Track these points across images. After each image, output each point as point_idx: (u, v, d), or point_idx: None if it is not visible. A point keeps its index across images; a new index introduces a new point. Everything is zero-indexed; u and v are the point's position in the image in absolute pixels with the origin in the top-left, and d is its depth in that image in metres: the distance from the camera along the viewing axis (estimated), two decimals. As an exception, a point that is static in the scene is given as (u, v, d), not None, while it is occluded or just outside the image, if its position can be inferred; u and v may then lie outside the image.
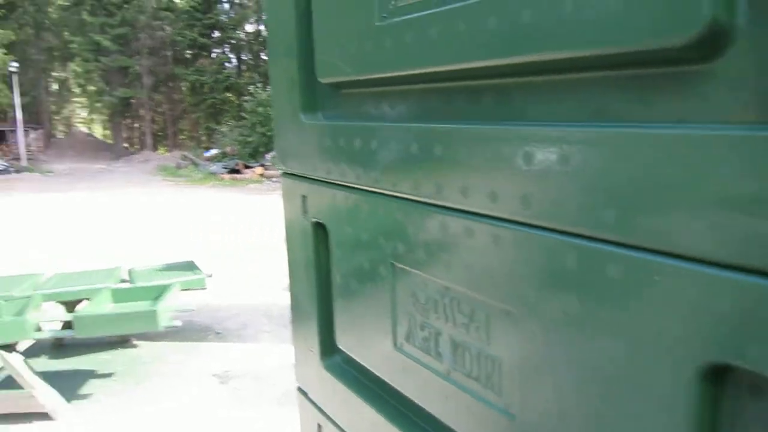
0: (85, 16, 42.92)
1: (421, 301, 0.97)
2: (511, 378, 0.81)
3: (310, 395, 1.42)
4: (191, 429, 4.77)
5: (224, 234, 12.97)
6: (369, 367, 1.16)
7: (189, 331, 6.95)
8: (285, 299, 7.99)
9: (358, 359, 1.20)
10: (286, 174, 1.38)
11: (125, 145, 49.58)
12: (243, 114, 32.62)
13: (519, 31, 0.69)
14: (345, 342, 1.24)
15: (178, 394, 5.40)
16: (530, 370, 0.77)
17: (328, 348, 1.33)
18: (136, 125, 52.03)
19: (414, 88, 0.97)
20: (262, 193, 20.98)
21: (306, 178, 1.29)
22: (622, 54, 0.60)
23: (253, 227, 13.81)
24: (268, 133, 30.18)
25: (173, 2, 44.67)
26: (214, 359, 6.21)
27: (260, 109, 30.42)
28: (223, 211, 16.56)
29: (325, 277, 1.30)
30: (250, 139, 30.93)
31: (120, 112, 46.65)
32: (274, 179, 23.87)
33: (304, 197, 1.30)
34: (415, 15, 0.87)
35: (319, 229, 1.28)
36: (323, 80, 1.15)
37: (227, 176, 25.71)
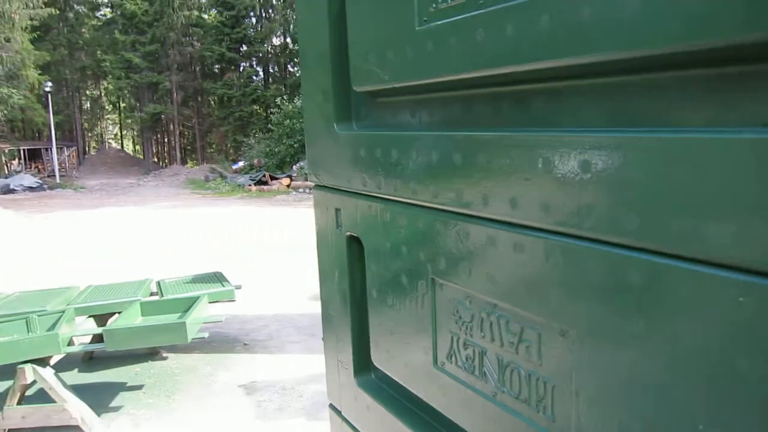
0: (117, 34, 43.97)
1: (465, 319, 0.92)
2: (566, 403, 0.76)
3: (343, 413, 1.37)
4: (220, 442, 4.76)
5: (252, 244, 13.04)
6: (406, 386, 1.11)
7: (217, 343, 6.98)
8: (313, 309, 8.04)
9: (394, 377, 1.15)
10: (318, 186, 1.35)
11: (155, 159, 50.48)
12: (270, 126, 32.94)
13: (577, 30, 0.64)
14: (380, 359, 1.19)
15: (206, 406, 5.40)
16: (589, 395, 0.72)
17: (363, 365, 1.28)
18: (165, 140, 52.95)
19: (456, 95, 0.93)
20: (290, 204, 21.11)
21: (339, 190, 1.25)
22: (705, 50, 0.54)
23: (281, 237, 13.87)
24: (295, 145, 30.44)
25: (202, 18, 45.53)
26: (241, 371, 6.21)
27: (287, 122, 30.69)
28: (251, 222, 16.68)
29: (360, 292, 1.26)
30: (276, 150, 31.20)
31: (150, 128, 47.54)
32: (301, 189, 24.02)
33: (337, 210, 1.26)
34: (458, 17, 0.83)
35: (354, 242, 1.24)
36: (358, 89, 1.11)
37: (254, 188, 25.94)
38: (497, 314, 0.85)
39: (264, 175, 27.17)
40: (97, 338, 6.06)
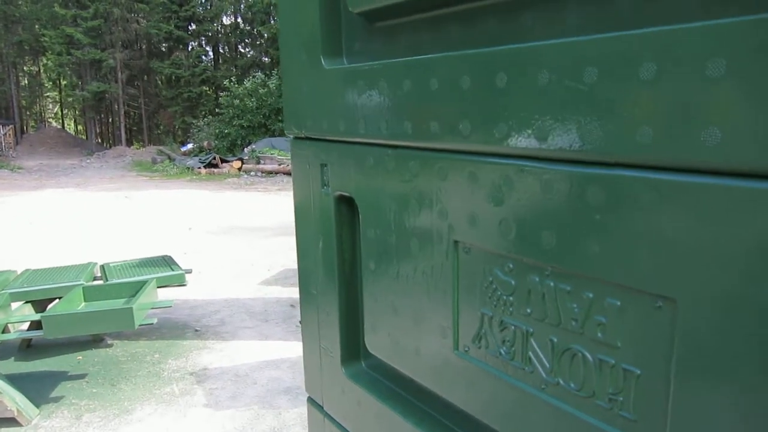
0: (57, 8, 41.70)
1: (502, 291, 0.72)
2: (656, 397, 0.57)
3: (326, 408, 1.16)
4: (168, 431, 4.48)
5: (202, 228, 12.59)
6: (413, 377, 0.91)
7: (166, 329, 6.66)
8: (266, 294, 7.80)
9: (397, 366, 0.94)
10: (298, 139, 1.12)
11: (98, 140, 48.50)
12: (218, 110, 32.01)
13: None
14: (378, 345, 0.98)
15: (154, 396, 5.10)
16: (696, 387, 0.53)
17: (352, 352, 1.08)
18: (109, 120, 50.92)
19: (475, 7, 0.72)
20: (241, 187, 20.54)
21: (327, 141, 1.03)
22: None
23: (232, 221, 13.45)
24: (246, 125, 29.67)
25: (148, -6, 43.70)
26: (192, 358, 5.92)
27: (236, 102, 29.88)
28: (201, 205, 16.12)
29: (350, 265, 1.05)
30: (227, 132, 30.36)
31: (93, 107, 45.52)
32: (252, 173, 23.42)
33: (323, 166, 1.04)
34: None
35: (343, 204, 1.03)
36: (355, 9, 0.89)
37: (204, 171, 25.13)
38: (552, 283, 0.66)
39: (214, 158, 26.33)
40: (35, 325, 5.66)
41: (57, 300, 5.74)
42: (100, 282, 6.35)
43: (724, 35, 0.47)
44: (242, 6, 42.72)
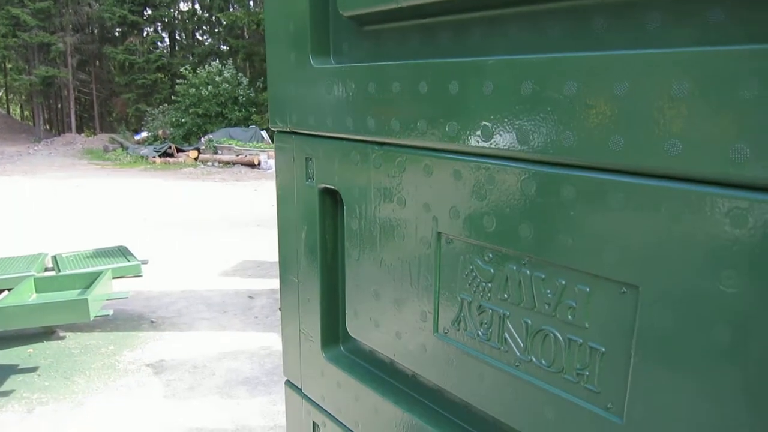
0: (3, -14, 39.96)
1: (481, 278, 0.80)
2: (617, 371, 0.65)
3: (305, 390, 1.22)
4: (124, 424, 4.43)
5: (157, 219, 12.36)
6: (395, 358, 0.97)
7: (121, 321, 6.55)
8: (224, 285, 7.74)
9: (378, 349, 1.01)
10: (282, 133, 1.17)
11: (47, 127, 46.77)
12: (175, 97, 31.30)
13: None
14: (359, 329, 1.05)
15: (109, 388, 5.02)
16: (653, 363, 0.61)
17: (332, 336, 1.13)
18: (59, 106, 49.15)
19: (463, 18, 0.79)
20: (198, 177, 20.20)
21: (312, 136, 1.08)
22: None
23: (189, 212, 13.24)
24: (202, 113, 29.13)
25: (101, -24, 42.30)
26: (148, 350, 5.84)
27: (192, 90, 29.29)
28: (156, 195, 15.80)
29: (331, 254, 1.10)
30: (183, 121, 29.75)
31: (41, 92, 43.86)
32: (209, 163, 23.04)
33: (308, 159, 1.09)
34: None
35: (327, 196, 1.08)
36: (346, 13, 0.94)
37: (159, 160, 24.57)
38: (528, 271, 0.73)
39: (169, 147, 25.79)
40: (-16, 317, 5.47)
41: (6, 292, 5.58)
42: (53, 273, 6.20)
43: (687, 62, 0.55)
44: (200, -8, 41.88)
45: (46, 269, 6.53)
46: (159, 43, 44.48)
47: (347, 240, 1.03)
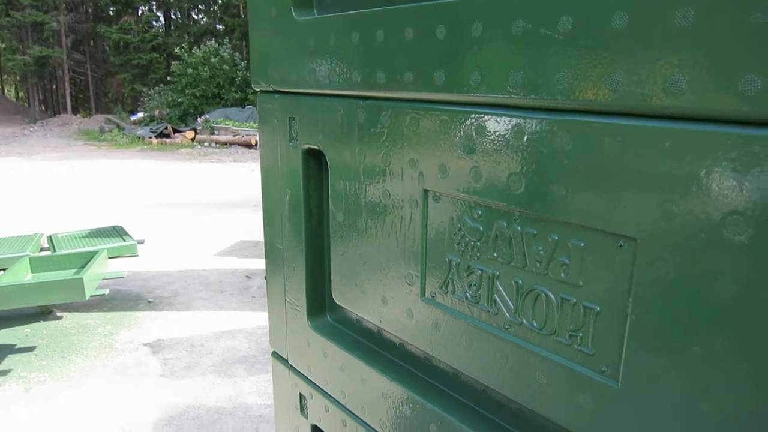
0: (-6, -35, 39.35)
1: (470, 237, 0.75)
2: (613, 333, 0.61)
3: (291, 361, 1.18)
4: (122, 403, 4.43)
5: (154, 199, 12.30)
6: (381, 325, 0.93)
7: (118, 301, 6.53)
8: (220, 265, 7.71)
9: (364, 316, 0.96)
10: (265, 93, 1.12)
11: (42, 107, 46.43)
12: (171, 77, 30.99)
13: None
14: (345, 296, 1.00)
15: (107, 367, 5.02)
16: (650, 323, 0.57)
17: (318, 305, 1.09)
18: (53, 86, 48.72)
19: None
20: (194, 158, 20.09)
21: (295, 94, 1.03)
22: None
23: (186, 192, 13.18)
24: (199, 95, 28.89)
25: (94, -46, 41.66)
26: (145, 329, 5.83)
27: (189, 71, 29.02)
28: (153, 176, 15.72)
29: (316, 219, 1.06)
30: (179, 101, 29.50)
31: (35, 72, 43.45)
32: (206, 143, 22.90)
33: (291, 119, 1.04)
34: None
35: (311, 158, 1.03)
36: (327, -41, 0.89)
37: (156, 140, 24.41)
38: (519, 227, 0.69)
39: (166, 128, 25.59)
40: (-21, 296, 5.45)
41: (1, 272, 5.55)
42: (48, 253, 6.16)
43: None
44: (195, -31, 41.32)
45: (42, 249, 6.49)
46: (154, 22, 44.00)
47: (332, 203, 0.98)
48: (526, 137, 0.65)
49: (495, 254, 0.72)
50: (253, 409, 4.34)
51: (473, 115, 0.71)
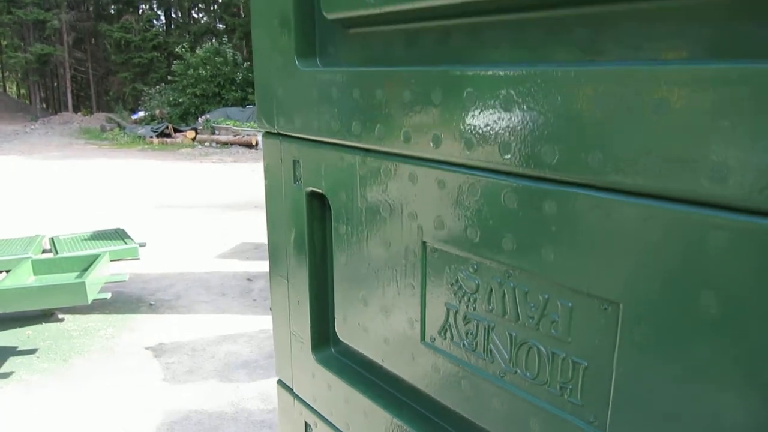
0: (-4, -37, 39.36)
1: (467, 289, 0.80)
2: (600, 386, 0.65)
3: (296, 390, 1.23)
4: (123, 407, 4.47)
5: (155, 200, 12.34)
6: (383, 364, 0.98)
7: (119, 303, 6.57)
8: (222, 268, 7.74)
9: (367, 354, 1.01)
10: (269, 134, 1.16)
11: (43, 105, 46.45)
12: (172, 76, 31.01)
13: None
14: (348, 333, 1.05)
15: (108, 370, 5.06)
16: (634, 378, 0.61)
17: (323, 338, 1.14)
18: (55, 84, 48.73)
19: (448, 25, 0.77)
20: (195, 158, 20.12)
21: (299, 138, 1.07)
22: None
23: (186, 193, 13.22)
24: (199, 94, 28.91)
25: (95, -48, 41.65)
26: (147, 332, 5.87)
27: (190, 71, 29.04)
28: (154, 176, 15.77)
29: (320, 257, 1.10)
30: (180, 100, 29.53)
31: (37, 70, 43.46)
32: (207, 143, 22.93)
33: (295, 162, 1.08)
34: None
35: (315, 200, 1.07)
36: (330, 15, 0.93)
37: (156, 140, 24.44)
38: (512, 284, 0.73)
39: (167, 127, 25.62)
40: (-18, 300, 5.49)
41: (3, 273, 5.59)
42: (50, 255, 6.20)
43: (670, 78, 0.54)
44: (196, -31, 41.32)
45: (44, 251, 6.54)
46: (155, 21, 43.99)
47: (335, 245, 1.02)
48: (516, 202, 0.70)
49: (490, 307, 0.76)
50: (255, 415, 4.38)
51: (467, 177, 0.75)
